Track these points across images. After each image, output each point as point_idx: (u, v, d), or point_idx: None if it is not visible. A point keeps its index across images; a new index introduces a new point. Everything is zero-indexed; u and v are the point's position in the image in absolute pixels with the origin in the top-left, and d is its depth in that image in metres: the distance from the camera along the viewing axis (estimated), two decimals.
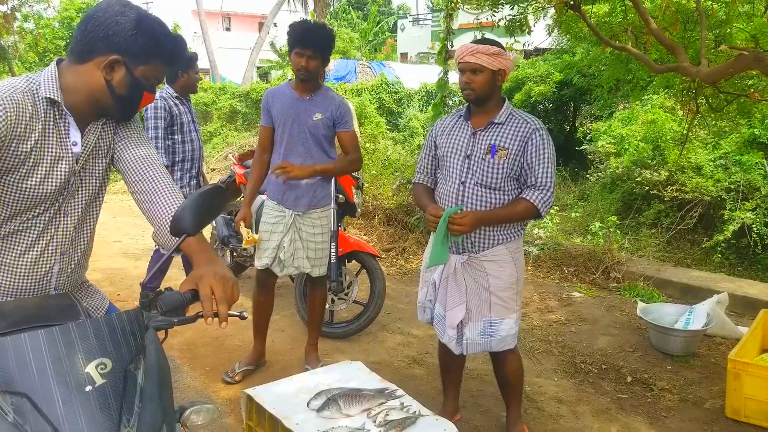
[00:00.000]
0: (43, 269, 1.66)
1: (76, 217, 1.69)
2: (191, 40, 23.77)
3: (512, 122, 2.75)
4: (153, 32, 1.61)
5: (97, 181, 1.73)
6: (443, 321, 2.86)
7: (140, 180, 1.70)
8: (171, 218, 1.52)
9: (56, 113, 1.58)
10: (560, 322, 4.74)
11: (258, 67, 24.06)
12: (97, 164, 1.71)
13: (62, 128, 1.60)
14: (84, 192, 1.70)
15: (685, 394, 3.64)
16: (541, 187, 2.68)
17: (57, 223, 1.66)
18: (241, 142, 12.80)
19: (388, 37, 32.45)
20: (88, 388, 1.28)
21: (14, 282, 1.63)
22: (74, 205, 1.68)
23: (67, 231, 1.68)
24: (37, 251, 1.63)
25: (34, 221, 1.61)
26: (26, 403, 1.23)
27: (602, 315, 4.91)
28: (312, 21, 3.38)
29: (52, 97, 1.55)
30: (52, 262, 1.67)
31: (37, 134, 1.54)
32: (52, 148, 1.58)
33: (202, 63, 21.63)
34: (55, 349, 1.30)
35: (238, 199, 5.23)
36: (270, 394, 2.47)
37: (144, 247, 6.70)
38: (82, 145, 1.64)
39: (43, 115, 1.55)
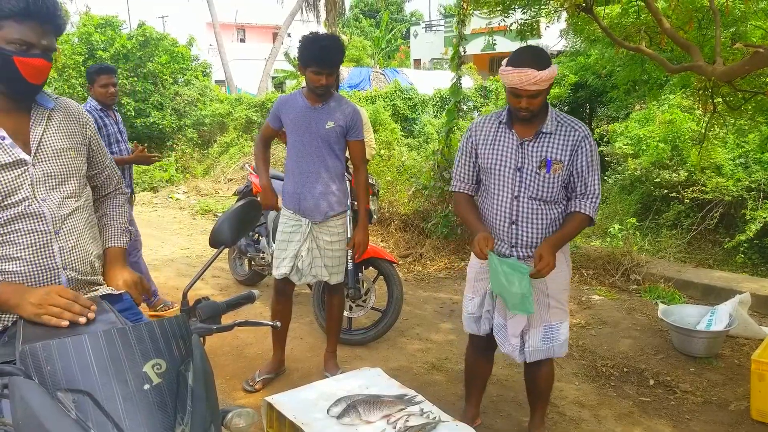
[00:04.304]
0: (44, 251, 1.73)
1: (56, 199, 1.77)
2: (207, 52, 23.95)
3: (561, 131, 2.63)
4: None
5: (67, 162, 1.81)
6: (504, 330, 2.77)
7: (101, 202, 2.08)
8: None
9: None
10: (580, 325, 4.70)
11: (273, 77, 24.20)
12: (57, 149, 1.79)
13: None
14: (55, 177, 1.77)
15: (709, 396, 3.59)
16: (590, 196, 2.63)
17: (38, 208, 1.72)
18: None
19: (401, 44, 32.54)
20: (146, 386, 1.34)
21: (23, 267, 1.70)
22: (47, 190, 1.75)
23: (52, 212, 1.75)
24: (30, 235, 1.71)
25: (12, 210, 1.68)
26: (88, 401, 1.29)
27: (623, 318, 4.86)
28: (324, 36, 3.35)
29: None
30: (50, 241, 1.74)
31: None
32: None
33: (218, 75, 21.90)
34: (114, 350, 1.36)
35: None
36: (290, 402, 2.49)
37: (163, 257, 6.76)
38: (32, 138, 1.74)
39: None
